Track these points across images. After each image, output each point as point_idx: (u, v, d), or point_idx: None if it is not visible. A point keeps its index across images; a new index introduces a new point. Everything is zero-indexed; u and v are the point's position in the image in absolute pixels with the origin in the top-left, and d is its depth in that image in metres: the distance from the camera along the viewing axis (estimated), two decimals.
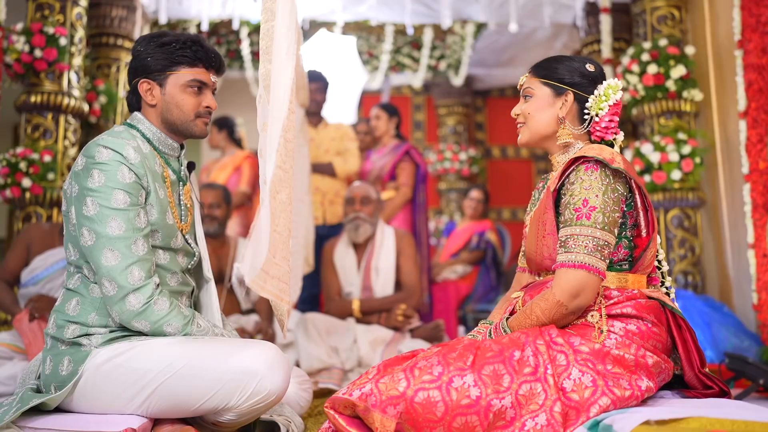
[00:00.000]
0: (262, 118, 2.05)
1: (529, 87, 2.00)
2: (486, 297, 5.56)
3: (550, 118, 1.96)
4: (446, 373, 1.65)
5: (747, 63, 3.95)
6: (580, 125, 1.96)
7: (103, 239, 1.89)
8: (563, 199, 1.85)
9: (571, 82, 1.95)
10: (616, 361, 1.70)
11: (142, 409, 1.90)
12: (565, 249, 1.78)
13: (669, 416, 1.49)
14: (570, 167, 1.85)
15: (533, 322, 1.80)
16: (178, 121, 2.09)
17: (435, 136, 7.77)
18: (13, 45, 4.16)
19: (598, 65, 1.99)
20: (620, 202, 1.81)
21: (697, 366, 1.81)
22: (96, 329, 1.95)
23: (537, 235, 1.92)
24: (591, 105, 1.93)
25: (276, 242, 1.83)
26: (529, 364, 1.68)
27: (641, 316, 1.77)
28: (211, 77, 2.10)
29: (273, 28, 1.97)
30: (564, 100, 1.95)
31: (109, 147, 1.95)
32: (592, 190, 1.78)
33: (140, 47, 2.09)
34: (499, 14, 5.58)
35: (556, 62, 1.99)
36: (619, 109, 1.94)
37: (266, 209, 1.78)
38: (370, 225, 3.84)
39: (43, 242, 3.38)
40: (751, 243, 3.88)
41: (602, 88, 1.93)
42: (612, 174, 1.80)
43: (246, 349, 1.89)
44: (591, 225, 1.76)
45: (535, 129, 1.98)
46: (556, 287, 1.76)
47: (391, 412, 1.62)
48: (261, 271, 1.72)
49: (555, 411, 1.60)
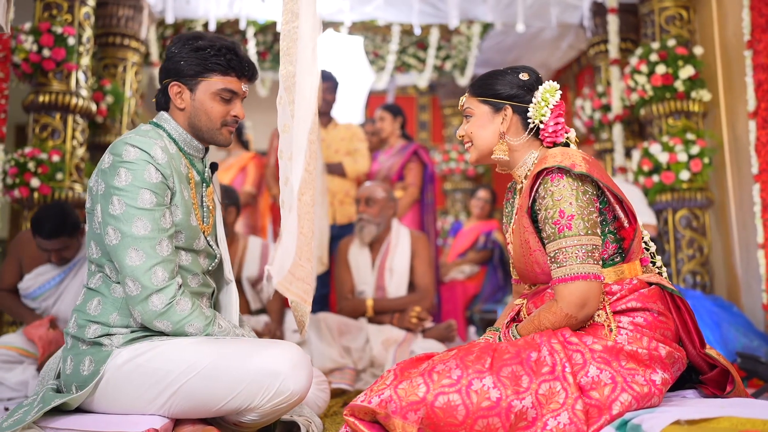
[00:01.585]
0: (283, 120, 2.05)
1: (468, 107, 2.01)
2: (494, 297, 5.56)
3: (494, 134, 1.97)
4: (465, 377, 1.65)
5: (756, 63, 3.95)
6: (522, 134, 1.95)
7: (129, 239, 1.89)
8: (539, 215, 1.85)
9: (508, 95, 1.95)
10: (630, 357, 1.71)
11: (164, 409, 1.89)
12: (558, 264, 1.78)
13: (699, 416, 1.49)
14: (536, 181, 1.85)
15: (540, 330, 1.80)
16: (204, 128, 2.08)
17: (440, 136, 7.77)
18: (21, 44, 4.15)
19: (532, 72, 1.98)
20: (593, 202, 1.82)
21: (697, 346, 1.82)
22: (117, 329, 1.95)
23: (523, 254, 1.92)
24: (532, 113, 1.93)
25: (302, 244, 1.83)
26: (546, 363, 1.68)
27: (647, 307, 1.78)
28: (243, 87, 2.09)
29: (295, 30, 1.96)
30: (504, 115, 1.95)
31: (136, 146, 1.94)
32: (564, 200, 1.78)
33: (175, 48, 2.07)
34: (505, 14, 5.57)
35: (491, 78, 1.99)
36: (563, 110, 1.94)
37: (294, 212, 1.78)
38: (375, 225, 3.82)
39: (33, 255, 3.37)
40: (761, 243, 3.89)
41: (539, 94, 1.93)
42: (578, 177, 1.80)
43: (269, 350, 1.89)
44: (574, 234, 1.76)
45: (482, 147, 1.99)
46: (561, 302, 1.77)
47: (412, 418, 1.62)
48: (288, 273, 1.72)
49: (577, 409, 1.60)
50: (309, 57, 1.83)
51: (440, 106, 7.67)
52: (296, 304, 2.15)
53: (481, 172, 7.38)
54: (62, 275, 3.33)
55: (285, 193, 2.00)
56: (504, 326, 1.98)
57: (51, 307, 3.34)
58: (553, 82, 1.93)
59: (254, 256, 3.88)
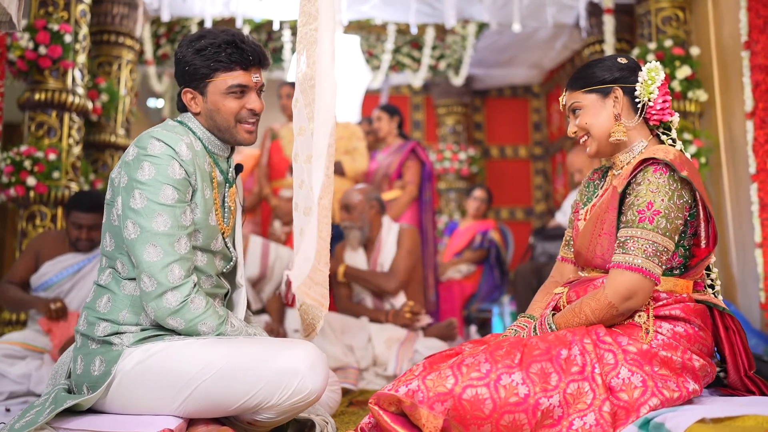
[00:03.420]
0: (299, 122, 2.03)
1: (575, 102, 1.98)
2: (490, 296, 5.57)
3: (609, 119, 1.94)
4: (494, 371, 1.65)
5: (754, 64, 3.97)
6: (634, 116, 1.93)
7: (148, 234, 1.87)
8: (627, 199, 1.83)
9: (613, 78, 1.93)
10: (663, 363, 1.70)
11: (180, 409, 1.88)
12: (623, 250, 1.76)
13: (724, 414, 1.49)
14: (638, 167, 1.84)
15: (581, 321, 1.79)
16: (222, 127, 2.05)
17: (434, 135, 7.77)
18: (17, 42, 4.11)
19: (629, 57, 1.98)
20: (684, 209, 1.80)
21: (744, 368, 1.81)
22: (127, 327, 1.93)
23: (593, 232, 1.90)
24: (640, 92, 1.91)
25: (320, 248, 1.82)
26: (576, 363, 1.68)
27: (689, 319, 1.77)
28: (252, 77, 2.03)
29: (312, 32, 1.95)
30: (614, 98, 1.93)
31: (162, 140, 1.92)
32: (658, 194, 1.77)
33: (179, 53, 2.04)
34: (501, 14, 5.57)
35: (591, 68, 1.98)
36: (668, 90, 1.93)
37: (314, 216, 1.77)
38: (358, 230, 3.88)
39: (53, 250, 3.44)
40: (759, 242, 3.91)
41: (644, 73, 1.92)
42: (680, 180, 1.79)
43: (287, 349, 1.88)
44: (653, 229, 1.74)
45: (600, 135, 1.95)
46: (608, 288, 1.75)
47: (438, 409, 1.62)
48: (307, 278, 1.71)
49: (604, 411, 1.60)
50: (328, 59, 1.82)
51: (434, 105, 7.66)
52: (308, 307, 2.15)
53: (475, 172, 7.39)
54: (81, 265, 3.38)
55: (299, 195, 1.99)
56: (541, 315, 1.96)
57: (65, 296, 3.35)
58: (656, 62, 1.92)
59: (254, 256, 3.87)
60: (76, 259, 3.39)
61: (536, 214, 7.75)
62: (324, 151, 1.80)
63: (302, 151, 1.92)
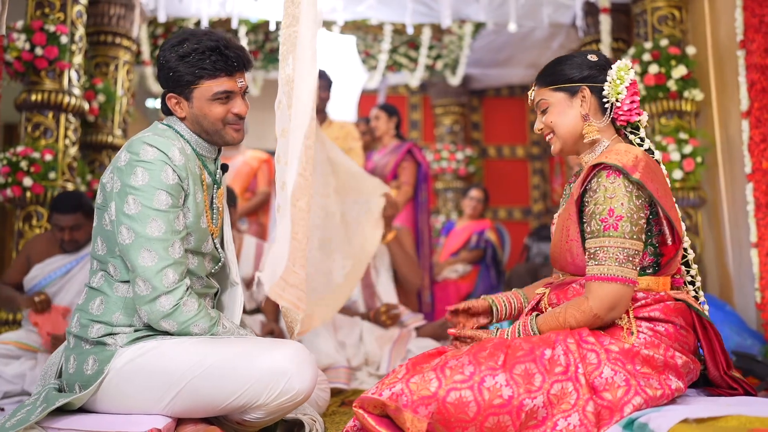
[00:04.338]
0: (281, 124, 2.04)
1: (542, 99, 1.95)
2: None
3: (575, 119, 1.91)
4: (478, 373, 1.65)
5: (750, 63, 3.97)
6: (603, 117, 1.91)
7: (142, 239, 1.88)
8: (587, 208, 1.81)
9: (582, 76, 1.90)
10: (645, 361, 1.70)
11: (168, 408, 1.89)
12: (596, 261, 1.75)
13: (707, 414, 1.49)
14: (591, 173, 1.82)
15: (563, 327, 1.79)
16: (210, 130, 2.05)
17: (431, 135, 7.77)
18: (13, 43, 4.11)
19: (599, 53, 1.95)
20: (644, 208, 1.78)
21: (723, 368, 1.80)
22: (120, 329, 1.94)
23: (561, 239, 1.91)
24: (608, 92, 1.88)
25: (295, 250, 1.82)
26: (560, 363, 1.67)
27: (669, 319, 1.77)
28: (237, 82, 2.02)
29: (295, 34, 1.95)
30: (582, 97, 1.90)
31: (154, 146, 1.93)
32: (616, 199, 1.74)
33: (162, 57, 2.02)
34: (498, 14, 5.58)
35: (559, 65, 1.94)
36: (637, 89, 1.90)
37: (287, 217, 1.77)
38: None
39: (42, 253, 3.49)
40: (754, 242, 3.90)
41: (613, 72, 1.88)
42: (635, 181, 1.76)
43: (275, 349, 1.89)
44: (619, 235, 1.73)
45: (564, 134, 1.93)
46: (592, 300, 1.74)
47: (422, 412, 1.62)
48: (280, 279, 1.71)
49: (588, 411, 1.60)
50: (308, 61, 1.82)
51: (431, 105, 7.67)
52: (287, 310, 2.15)
53: (472, 172, 7.39)
54: (70, 266, 3.40)
55: (281, 197, 1.99)
56: (524, 315, 1.96)
57: (54, 298, 3.38)
58: (626, 60, 1.89)
59: (249, 256, 3.87)
60: (63, 261, 3.42)
61: (534, 214, 7.75)
62: (299, 152, 1.80)
63: (284, 153, 1.93)
